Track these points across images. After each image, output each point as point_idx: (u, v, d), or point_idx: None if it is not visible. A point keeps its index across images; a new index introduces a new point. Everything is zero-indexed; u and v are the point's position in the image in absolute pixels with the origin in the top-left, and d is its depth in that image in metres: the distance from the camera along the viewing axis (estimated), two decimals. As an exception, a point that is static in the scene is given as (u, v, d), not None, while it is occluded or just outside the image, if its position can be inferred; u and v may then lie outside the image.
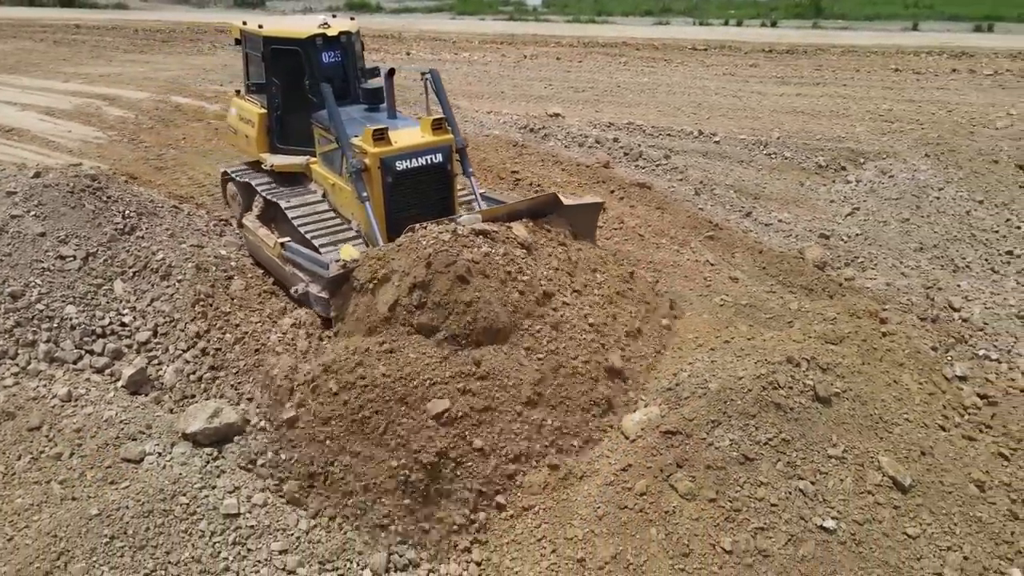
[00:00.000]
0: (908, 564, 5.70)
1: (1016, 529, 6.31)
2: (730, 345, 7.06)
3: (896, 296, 8.93)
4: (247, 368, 6.91)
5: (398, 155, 7.65)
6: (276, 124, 9.16)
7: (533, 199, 7.86)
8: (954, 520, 6.13)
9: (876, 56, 21.33)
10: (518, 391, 6.24)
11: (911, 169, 12.54)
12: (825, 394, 6.35)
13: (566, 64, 21.76)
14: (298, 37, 8.64)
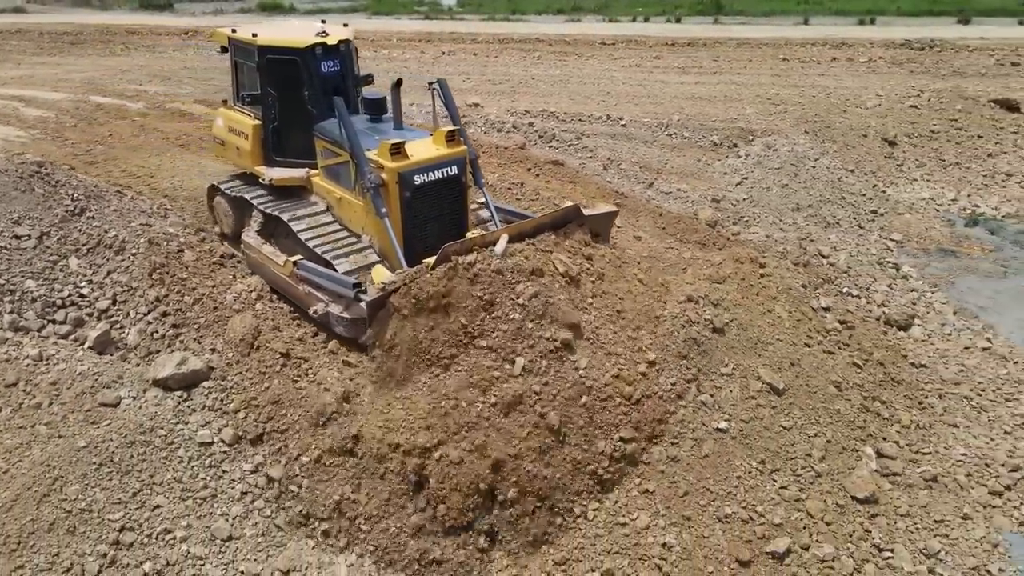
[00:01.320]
0: (785, 449, 7.17)
1: (867, 418, 7.91)
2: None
3: (774, 246, 10.52)
4: (208, 324, 7.80)
5: (415, 169, 7.59)
6: (272, 136, 8.93)
7: (555, 212, 7.84)
8: (818, 414, 7.65)
9: (767, 48, 23.45)
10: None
11: (792, 143, 14.34)
12: (720, 325, 7.75)
13: (483, 60, 23.02)
14: (297, 47, 8.42)
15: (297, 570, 6.13)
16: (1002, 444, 8.00)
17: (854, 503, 6.96)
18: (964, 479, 7.52)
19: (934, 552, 6.71)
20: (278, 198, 8.87)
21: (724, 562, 6.20)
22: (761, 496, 6.70)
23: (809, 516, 6.74)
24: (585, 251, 7.76)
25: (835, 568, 6.39)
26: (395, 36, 26.66)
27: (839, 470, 7.19)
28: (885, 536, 6.79)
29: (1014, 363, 9.24)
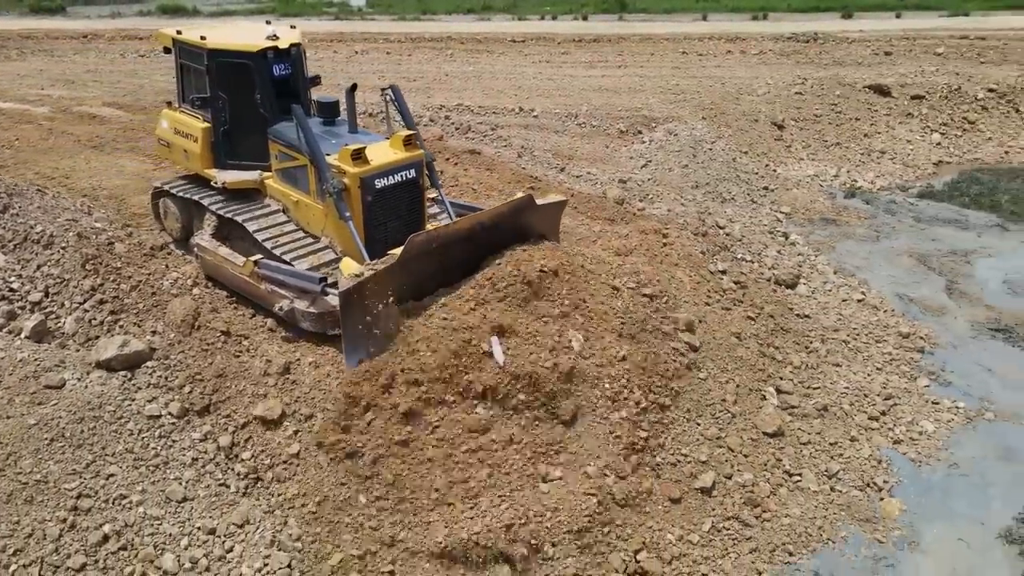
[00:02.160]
0: (703, 397, 8.20)
1: (765, 363, 9.05)
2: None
3: (676, 219, 11.60)
4: (147, 308, 8.17)
5: (376, 174, 7.87)
6: (223, 139, 8.95)
7: (510, 202, 8.27)
8: (726, 362, 8.73)
9: (668, 43, 24.89)
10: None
11: (691, 129, 15.57)
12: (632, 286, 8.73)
13: (396, 58, 23.55)
14: (248, 51, 8.48)
15: (251, 523, 6.67)
16: (876, 378, 9.29)
17: (765, 437, 8.06)
18: (848, 408, 8.75)
19: (834, 472, 7.89)
20: (230, 201, 8.94)
21: (658, 502, 7.11)
22: (687, 439, 7.70)
23: (729, 450, 7.78)
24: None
25: (754, 492, 7.44)
26: (306, 37, 26.77)
27: (749, 411, 8.28)
28: (793, 462, 7.93)
29: (883, 311, 10.61)
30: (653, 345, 8.21)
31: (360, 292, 6.98)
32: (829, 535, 7.29)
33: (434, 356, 7.21)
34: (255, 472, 6.98)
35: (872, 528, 7.41)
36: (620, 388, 7.58)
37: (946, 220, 13.78)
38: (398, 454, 6.87)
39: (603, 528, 6.75)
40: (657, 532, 6.96)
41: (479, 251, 7.97)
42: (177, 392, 7.44)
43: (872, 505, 7.62)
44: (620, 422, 7.39)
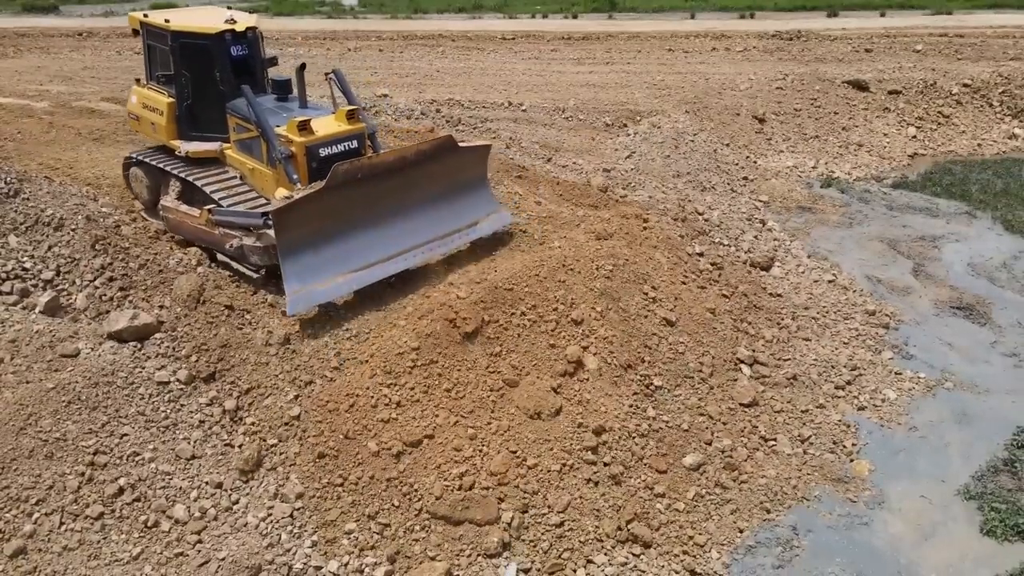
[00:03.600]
0: (682, 369, 8.76)
1: (738, 336, 9.63)
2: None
3: (656, 205, 12.19)
4: (154, 285, 8.71)
5: (320, 143, 8.80)
6: (186, 112, 9.89)
7: (432, 140, 9.30)
8: (701, 336, 9.30)
9: (655, 40, 25.52)
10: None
11: (674, 122, 16.18)
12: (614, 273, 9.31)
13: (388, 55, 24.10)
14: (208, 33, 9.43)
15: (255, 478, 7.22)
16: (843, 351, 9.89)
17: (741, 408, 8.62)
18: (816, 377, 9.35)
19: (806, 437, 8.46)
20: (193, 168, 9.86)
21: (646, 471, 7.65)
22: (670, 408, 8.25)
23: (709, 418, 8.33)
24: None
25: (733, 457, 7.98)
26: (300, 34, 27.37)
27: (725, 383, 8.84)
28: (768, 429, 8.49)
29: (852, 291, 11.23)
30: (633, 321, 8.80)
31: (290, 212, 7.84)
32: (803, 494, 7.82)
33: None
34: (258, 433, 7.53)
35: (844, 488, 7.93)
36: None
37: (917, 208, 14.43)
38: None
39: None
40: (647, 502, 7.45)
41: (406, 186, 8.90)
42: (184, 361, 7.98)
43: (843, 466, 8.18)
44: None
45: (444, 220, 9.39)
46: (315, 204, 8.03)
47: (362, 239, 8.57)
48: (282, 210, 7.85)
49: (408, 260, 8.95)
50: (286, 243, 7.96)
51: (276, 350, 8.11)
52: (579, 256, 9.36)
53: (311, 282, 8.11)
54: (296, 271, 8.04)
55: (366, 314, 8.78)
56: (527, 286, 8.66)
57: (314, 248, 8.17)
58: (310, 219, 8.03)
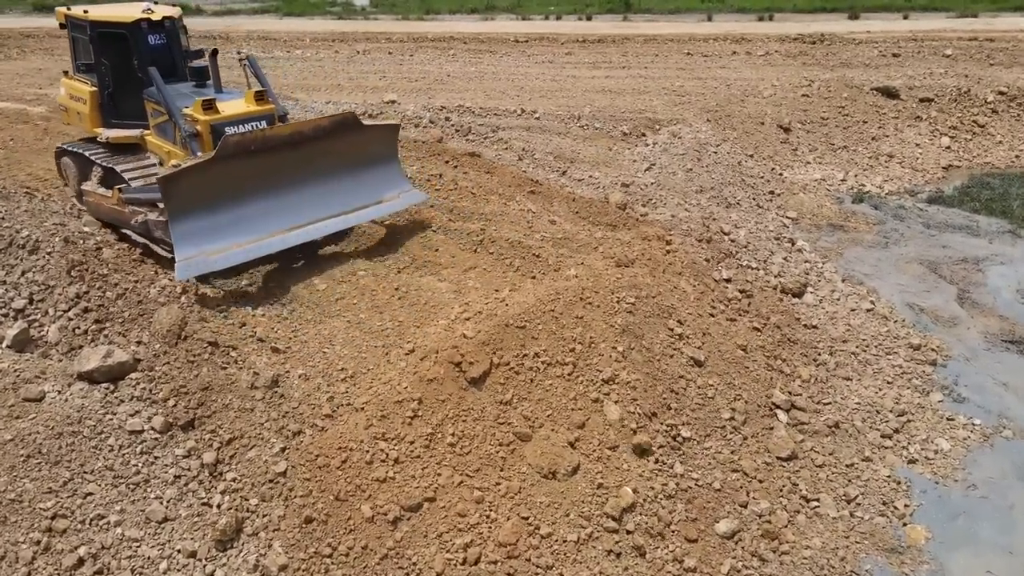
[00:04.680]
0: (712, 416, 7.82)
1: (772, 376, 8.69)
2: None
3: (679, 225, 11.24)
4: (132, 317, 7.85)
5: (227, 122, 8.86)
6: (108, 101, 10.01)
7: (333, 116, 9.34)
8: (732, 377, 8.36)
9: (673, 43, 24.52)
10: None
11: (695, 132, 15.22)
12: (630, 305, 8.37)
13: (398, 58, 23.24)
14: (124, 21, 9.63)
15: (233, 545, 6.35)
16: (888, 392, 8.92)
17: (779, 462, 7.65)
18: (860, 424, 8.37)
19: (852, 497, 7.46)
20: (116, 155, 10.00)
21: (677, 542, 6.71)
22: (699, 463, 7.30)
23: (744, 475, 7.36)
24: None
25: (772, 522, 7.00)
26: (308, 36, 26.55)
27: (760, 432, 7.89)
28: (810, 487, 7.50)
29: (893, 322, 10.24)
30: (658, 362, 7.88)
31: (178, 179, 7.92)
32: (852, 567, 6.76)
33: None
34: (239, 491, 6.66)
35: (899, 561, 6.85)
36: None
37: (956, 226, 13.40)
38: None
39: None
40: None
41: (305, 160, 8.90)
42: (161, 405, 7.12)
43: (896, 532, 7.16)
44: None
45: (347, 196, 9.36)
46: (205, 173, 8.06)
47: (258, 210, 8.58)
48: (169, 177, 7.93)
49: (309, 233, 8.93)
50: (174, 209, 8.01)
51: (262, 394, 7.23)
52: (598, 287, 8.44)
53: (203, 249, 8.12)
54: (186, 237, 8.07)
55: (364, 349, 7.92)
56: (541, 323, 7.75)
57: (206, 216, 8.20)
58: (200, 188, 8.06)
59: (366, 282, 9.16)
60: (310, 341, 8.05)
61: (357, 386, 7.41)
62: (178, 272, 8.01)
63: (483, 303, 8.39)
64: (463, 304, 8.55)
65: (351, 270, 9.43)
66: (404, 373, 7.26)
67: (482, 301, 8.49)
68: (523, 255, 9.67)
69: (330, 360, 7.73)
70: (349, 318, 8.48)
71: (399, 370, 7.37)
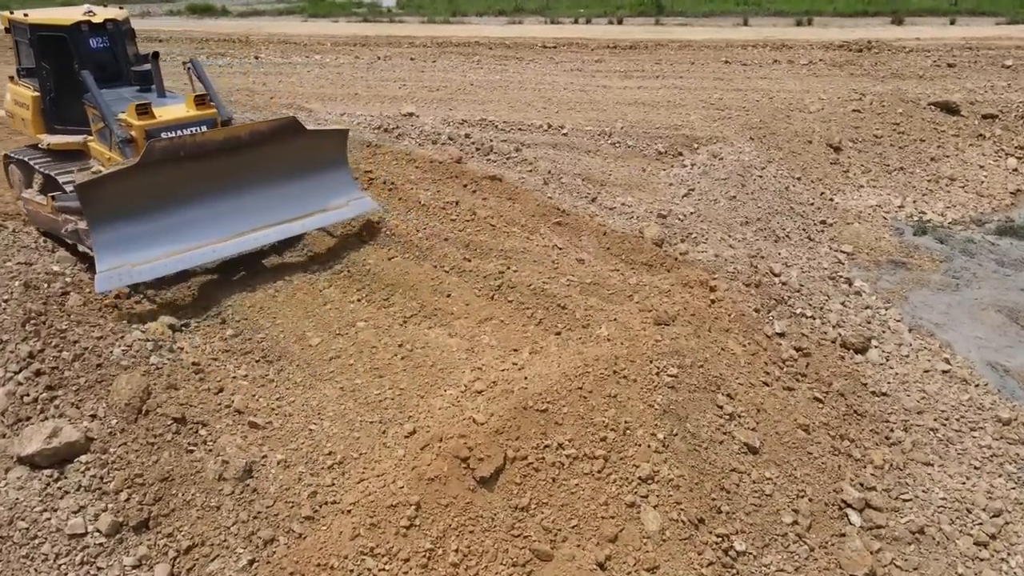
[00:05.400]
0: (771, 520, 6.42)
1: (840, 462, 7.24)
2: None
3: (724, 266, 9.80)
4: (89, 384, 6.64)
5: (163, 127, 8.38)
6: (51, 106, 9.57)
7: (272, 120, 8.92)
8: (794, 467, 6.94)
9: (709, 50, 22.94)
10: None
11: (738, 152, 13.72)
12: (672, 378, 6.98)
13: (420, 64, 21.95)
14: (63, 24, 9.18)
15: None
16: (978, 483, 7.42)
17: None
18: (949, 528, 6.90)
19: None
20: (59, 162, 9.45)
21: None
22: None
23: None
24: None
25: None
26: (329, 40, 25.36)
27: (830, 541, 6.47)
28: None
29: (975, 386, 8.73)
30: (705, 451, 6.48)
31: (97, 186, 7.41)
32: None
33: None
34: (197, 615, 5.42)
35: None
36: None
37: (1033, 264, 11.79)
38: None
39: None
40: None
41: (242, 167, 8.41)
42: (111, 499, 5.90)
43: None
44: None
45: (289, 204, 8.82)
46: (128, 180, 7.58)
47: (189, 219, 8.08)
48: (87, 184, 7.41)
49: (247, 243, 8.41)
50: (95, 217, 7.49)
51: (232, 487, 5.99)
52: (634, 354, 7.07)
53: (127, 259, 7.57)
54: (108, 246, 7.54)
55: (357, 426, 6.65)
56: (566, 404, 6.41)
57: (131, 225, 7.69)
58: (123, 195, 7.57)
59: (366, 336, 7.89)
60: (295, 414, 6.79)
61: (346, 476, 6.14)
62: (98, 284, 7.40)
63: (499, 370, 7.07)
64: (476, 368, 7.24)
65: (350, 320, 8.18)
66: (401, 465, 5.97)
67: (498, 366, 7.17)
68: (547, 305, 8.33)
69: (316, 441, 6.47)
70: (343, 383, 7.22)
71: (396, 460, 6.08)
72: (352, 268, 9.22)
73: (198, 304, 8.38)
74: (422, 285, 8.90)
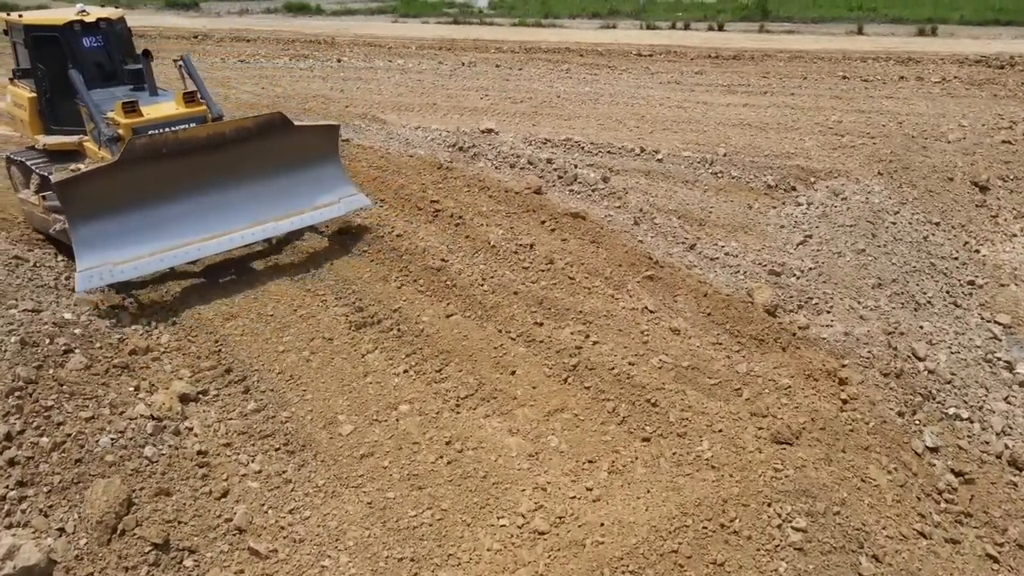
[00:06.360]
0: None
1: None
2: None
3: (856, 348, 7.76)
4: (64, 485, 5.34)
5: (150, 125, 8.16)
6: (47, 107, 9.39)
7: (258, 116, 8.52)
8: None
9: (823, 62, 20.39)
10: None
11: (864, 190, 11.49)
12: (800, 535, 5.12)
13: (505, 72, 20.35)
14: (56, 24, 9.01)
15: None
16: None
17: None
18: None
19: None
20: (56, 162, 9.20)
21: None
22: None
23: None
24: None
25: None
26: (414, 43, 24.11)
27: None
28: None
29: None
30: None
31: (77, 184, 7.22)
32: None
33: None
34: None
35: None
36: None
37: None
38: None
39: None
40: None
41: (228, 165, 8.14)
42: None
43: None
44: None
45: (277, 201, 8.51)
46: (108, 178, 7.36)
47: (172, 217, 7.82)
48: (66, 182, 7.25)
49: (232, 241, 8.10)
50: (75, 215, 7.25)
51: (212, 651, 4.54)
52: (747, 494, 5.23)
53: (108, 258, 7.29)
54: (89, 244, 7.27)
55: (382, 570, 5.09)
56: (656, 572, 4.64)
57: (112, 224, 7.44)
58: (104, 193, 7.35)
59: (408, 427, 6.34)
60: (308, 539, 5.30)
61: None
62: (79, 283, 7.05)
63: (567, 497, 5.38)
64: (539, 488, 5.57)
65: (392, 401, 6.64)
66: (428, 648, 4.36)
67: (567, 490, 5.48)
68: (632, 398, 6.55)
69: (327, 588, 4.95)
70: (372, 496, 5.68)
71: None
72: (404, 325, 7.71)
73: (221, 362, 7.05)
74: (482, 355, 7.29)
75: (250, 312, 7.82)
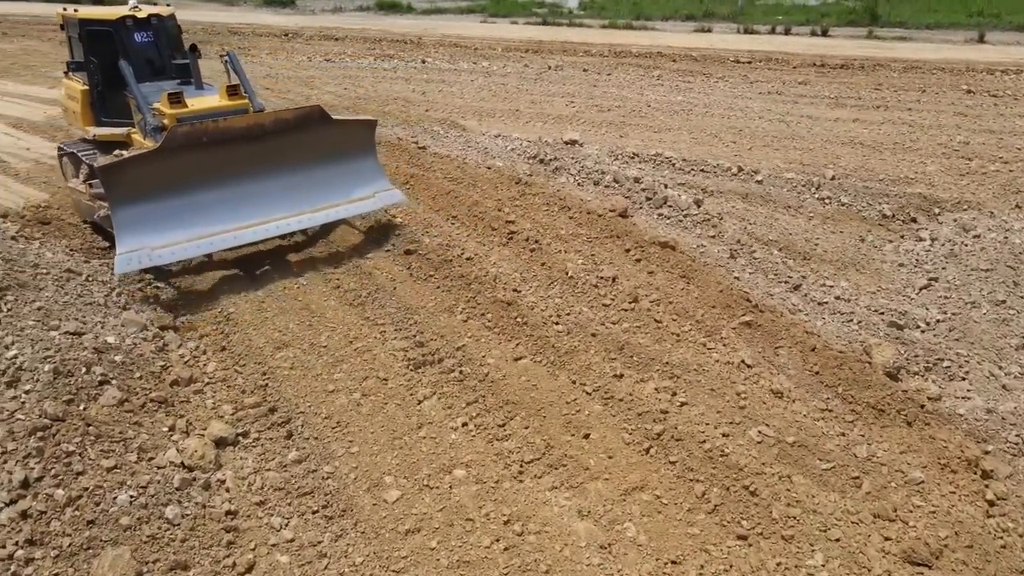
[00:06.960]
0: None
1: None
2: None
3: (1000, 430, 6.37)
4: (72, 551, 4.70)
5: (194, 116, 8.28)
6: (98, 99, 9.61)
7: (297, 109, 8.53)
8: None
9: (943, 73, 18.37)
10: None
11: (1002, 227, 9.88)
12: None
13: (593, 77, 19.25)
14: (109, 19, 9.28)
15: None
16: None
17: None
18: None
19: None
20: (104, 153, 9.25)
21: None
22: None
23: None
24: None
25: None
26: (500, 45, 23.30)
27: None
28: None
29: None
30: None
31: (120, 169, 7.30)
32: None
33: None
34: None
35: None
36: None
37: None
38: None
39: None
40: None
41: (266, 155, 8.17)
42: None
43: None
44: None
45: (312, 193, 8.51)
46: (150, 164, 7.45)
47: (209, 205, 7.83)
48: (109, 167, 7.35)
49: (268, 231, 8.15)
50: (116, 200, 7.32)
51: None
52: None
53: (147, 242, 7.36)
54: (129, 228, 7.34)
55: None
56: None
57: (152, 209, 7.49)
58: (145, 179, 7.40)
59: (463, 497, 5.44)
60: None
61: None
62: (118, 265, 7.13)
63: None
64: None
65: (446, 462, 5.77)
66: None
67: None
68: (726, 482, 5.45)
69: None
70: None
71: None
72: (466, 367, 6.83)
73: (266, 399, 6.36)
74: (552, 410, 6.32)
75: (303, 341, 7.13)
